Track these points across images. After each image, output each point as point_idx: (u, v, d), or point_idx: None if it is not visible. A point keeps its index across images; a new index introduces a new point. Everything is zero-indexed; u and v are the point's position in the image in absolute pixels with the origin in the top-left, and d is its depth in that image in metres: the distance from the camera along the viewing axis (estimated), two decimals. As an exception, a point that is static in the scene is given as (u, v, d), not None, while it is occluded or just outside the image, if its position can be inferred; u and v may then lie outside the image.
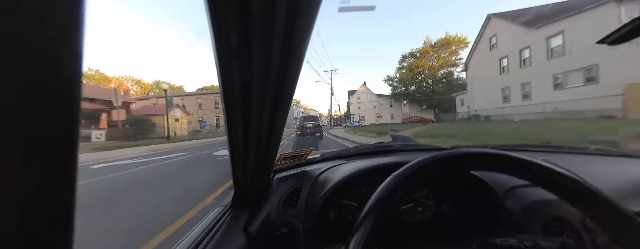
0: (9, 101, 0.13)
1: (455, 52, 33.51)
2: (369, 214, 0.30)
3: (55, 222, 0.16)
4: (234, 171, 0.51)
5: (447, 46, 33.48)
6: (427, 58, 35.12)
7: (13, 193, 0.14)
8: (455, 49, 33.38)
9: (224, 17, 0.24)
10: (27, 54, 0.13)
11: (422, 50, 35.36)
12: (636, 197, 0.54)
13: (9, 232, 0.14)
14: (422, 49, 35.35)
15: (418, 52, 35.89)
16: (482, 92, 18.24)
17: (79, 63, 0.15)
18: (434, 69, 35.09)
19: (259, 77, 0.31)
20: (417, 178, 0.31)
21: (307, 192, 0.67)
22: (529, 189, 0.59)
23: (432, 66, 35.28)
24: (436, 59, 34.65)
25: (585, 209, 0.29)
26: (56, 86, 0.15)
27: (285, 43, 0.28)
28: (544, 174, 0.30)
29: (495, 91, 16.56)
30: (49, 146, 0.15)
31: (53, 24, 0.13)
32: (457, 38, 32.51)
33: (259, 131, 0.41)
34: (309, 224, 0.61)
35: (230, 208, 0.61)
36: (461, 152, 0.32)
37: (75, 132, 0.16)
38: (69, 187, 0.16)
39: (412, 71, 36.32)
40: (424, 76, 36.65)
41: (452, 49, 33.52)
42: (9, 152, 0.13)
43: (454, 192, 0.73)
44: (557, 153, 0.91)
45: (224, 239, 0.50)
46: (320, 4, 0.25)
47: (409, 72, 36.70)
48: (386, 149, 1.04)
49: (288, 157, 0.78)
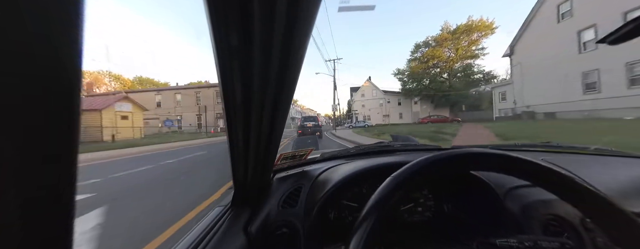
0: (9, 101, 0.13)
1: (476, 41, 28.83)
2: (369, 214, 0.30)
3: (55, 222, 0.16)
4: (234, 171, 0.51)
5: (469, 33, 28.73)
6: (445, 47, 30.33)
7: (13, 192, 0.14)
8: (477, 38, 28.70)
9: (224, 17, 0.24)
10: (27, 54, 0.13)
11: (439, 38, 30.53)
12: (636, 197, 0.56)
13: (9, 232, 0.14)
14: (440, 36, 30.50)
15: (434, 40, 31.07)
16: (538, 81, 13.51)
17: (79, 63, 0.15)
18: (452, 61, 30.33)
19: (259, 77, 0.31)
20: (417, 178, 0.31)
21: (307, 192, 0.68)
22: (529, 189, 0.60)
23: (449, 58, 30.53)
24: (455, 48, 29.89)
25: (585, 209, 0.29)
26: (56, 86, 0.14)
27: (285, 43, 0.28)
28: (544, 174, 0.30)
29: (563, 78, 11.79)
30: (48, 146, 0.15)
31: (53, 23, 0.13)
32: (482, 23, 27.75)
33: (259, 130, 0.41)
34: (309, 224, 0.61)
35: (230, 208, 0.61)
36: (461, 153, 0.32)
37: (76, 132, 0.16)
38: (69, 187, 0.16)
39: (427, 62, 31.53)
40: (439, 69, 31.89)
41: (473, 37, 28.83)
42: (9, 152, 0.13)
43: (454, 192, 0.73)
44: (557, 153, 0.92)
45: (224, 239, 0.50)
46: (320, 3, 0.25)
47: (422, 65, 31.92)
48: (386, 149, 1.04)
49: (288, 157, 0.78)
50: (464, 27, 28.80)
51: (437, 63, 31.65)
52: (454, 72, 30.53)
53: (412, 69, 32.26)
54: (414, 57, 33.10)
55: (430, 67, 32.03)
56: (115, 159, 6.47)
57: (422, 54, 31.96)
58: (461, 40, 29.45)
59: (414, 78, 31.86)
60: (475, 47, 29.21)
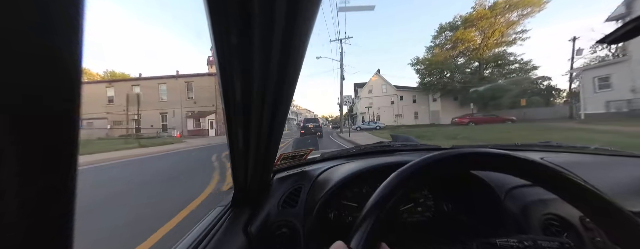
0: (9, 101, 0.13)
1: (515, 22, 23.04)
2: (369, 214, 0.30)
3: (55, 222, 0.16)
4: (234, 171, 0.51)
5: (510, 9, 22.85)
6: (478, 29, 24.39)
7: (13, 192, 0.14)
8: (518, 17, 22.90)
9: (224, 17, 0.24)
10: (27, 54, 0.13)
11: (472, 17, 24.55)
12: (636, 197, 0.57)
13: (9, 232, 0.14)
14: (474, 14, 24.49)
15: (464, 19, 25.10)
16: None
17: (79, 63, 0.15)
18: (486, 46, 24.41)
19: (259, 77, 0.31)
20: (417, 178, 0.31)
21: (307, 192, 0.68)
22: (529, 189, 0.60)
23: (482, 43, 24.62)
24: (491, 31, 24.00)
25: (585, 209, 0.29)
26: (56, 86, 0.14)
27: (285, 43, 0.28)
28: (544, 173, 0.30)
29: None
30: (49, 146, 0.15)
31: (53, 23, 0.13)
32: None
33: (259, 130, 0.41)
34: (309, 224, 0.61)
35: (230, 208, 0.61)
36: (462, 152, 0.32)
37: (76, 132, 0.16)
38: (69, 187, 0.16)
39: (455, 47, 25.56)
40: (468, 57, 25.98)
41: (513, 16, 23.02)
42: (9, 152, 0.13)
43: (454, 192, 0.73)
44: (557, 153, 0.91)
45: (224, 239, 0.51)
46: (320, 3, 0.25)
47: (446, 52, 25.99)
48: (386, 149, 1.03)
49: (288, 157, 0.78)
50: (504, 3, 22.96)
51: (465, 50, 25.78)
52: (487, 60, 24.59)
53: (434, 56, 26.24)
54: (436, 44, 27.15)
55: (456, 55, 26.12)
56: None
57: (446, 39, 26.02)
58: (499, 20, 23.60)
59: (436, 68, 25.87)
60: (513, 29, 23.44)
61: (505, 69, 24.46)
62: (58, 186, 0.16)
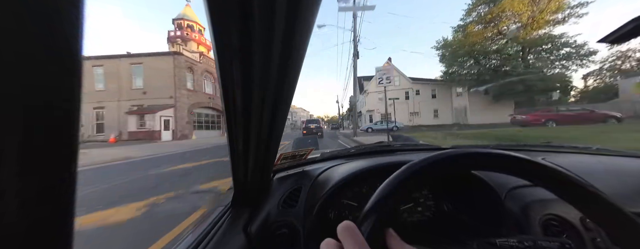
0: (9, 101, 0.13)
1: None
2: (369, 213, 0.30)
3: (55, 222, 0.16)
4: (234, 171, 0.51)
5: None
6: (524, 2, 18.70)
7: (13, 192, 0.14)
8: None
9: (224, 17, 0.24)
10: (27, 53, 0.13)
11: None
12: (636, 197, 0.56)
13: (9, 232, 0.14)
14: None
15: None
16: None
17: (79, 63, 0.15)
18: (538, 23, 18.77)
19: (259, 77, 0.32)
20: (418, 178, 0.31)
21: (307, 192, 0.68)
22: (529, 189, 0.60)
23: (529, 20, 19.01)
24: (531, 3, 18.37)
25: (585, 209, 0.29)
26: (56, 86, 0.15)
27: (285, 43, 0.28)
28: (544, 174, 0.30)
29: None
30: (49, 146, 0.15)
31: (53, 23, 0.13)
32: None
33: (259, 130, 0.42)
34: (309, 224, 0.61)
35: (230, 208, 0.61)
36: (462, 152, 0.32)
37: (75, 132, 0.16)
38: (69, 187, 0.16)
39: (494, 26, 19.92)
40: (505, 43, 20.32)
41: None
42: (9, 151, 0.13)
43: (454, 192, 0.73)
44: (558, 153, 0.92)
45: (224, 239, 0.51)
46: (320, 3, 0.26)
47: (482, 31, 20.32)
48: (386, 149, 1.04)
49: (288, 157, 0.79)
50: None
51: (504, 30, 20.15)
52: (535, 43, 18.99)
53: (467, 36, 20.50)
54: (466, 23, 21.44)
55: (496, 35, 20.46)
56: None
57: (482, 15, 20.35)
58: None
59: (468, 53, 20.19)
60: (560, 8, 17.91)
61: (553, 54, 18.95)
62: (58, 186, 0.16)
